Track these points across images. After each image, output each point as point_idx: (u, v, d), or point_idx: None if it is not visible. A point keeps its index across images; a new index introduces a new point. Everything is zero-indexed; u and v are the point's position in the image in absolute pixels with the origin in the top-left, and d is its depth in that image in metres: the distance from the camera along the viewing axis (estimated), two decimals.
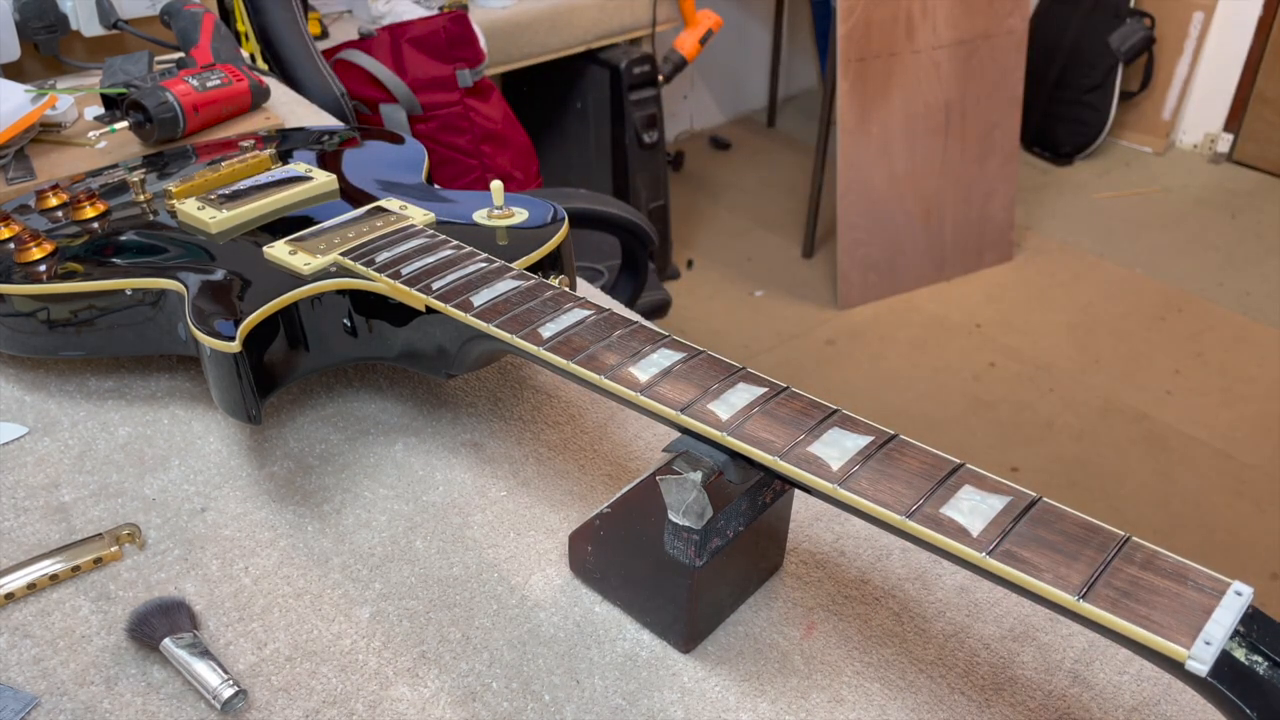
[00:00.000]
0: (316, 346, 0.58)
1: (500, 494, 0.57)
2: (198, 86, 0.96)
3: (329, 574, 0.52)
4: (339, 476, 0.58)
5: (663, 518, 0.44)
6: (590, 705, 0.45)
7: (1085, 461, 2.00)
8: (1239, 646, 0.31)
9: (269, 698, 0.45)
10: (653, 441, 0.61)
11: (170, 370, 0.67)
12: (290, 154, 0.78)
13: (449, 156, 1.83)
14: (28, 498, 0.56)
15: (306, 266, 0.57)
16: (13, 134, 0.90)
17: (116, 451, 0.60)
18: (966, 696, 0.45)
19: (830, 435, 0.40)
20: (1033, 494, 0.37)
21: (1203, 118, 3.30)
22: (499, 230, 0.63)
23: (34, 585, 0.50)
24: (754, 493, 0.46)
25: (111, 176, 0.76)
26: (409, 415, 0.63)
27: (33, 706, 0.44)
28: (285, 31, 1.54)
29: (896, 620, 0.49)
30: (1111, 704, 0.45)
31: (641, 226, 1.37)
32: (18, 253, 0.63)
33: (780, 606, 0.50)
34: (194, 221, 0.65)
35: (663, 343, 0.47)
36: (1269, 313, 2.47)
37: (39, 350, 0.65)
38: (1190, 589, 0.33)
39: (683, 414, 0.42)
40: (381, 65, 1.74)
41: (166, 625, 0.47)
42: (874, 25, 2.21)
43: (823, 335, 2.35)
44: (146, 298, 0.59)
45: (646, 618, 0.48)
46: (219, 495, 0.57)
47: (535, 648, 0.48)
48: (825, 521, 0.55)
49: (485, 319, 0.50)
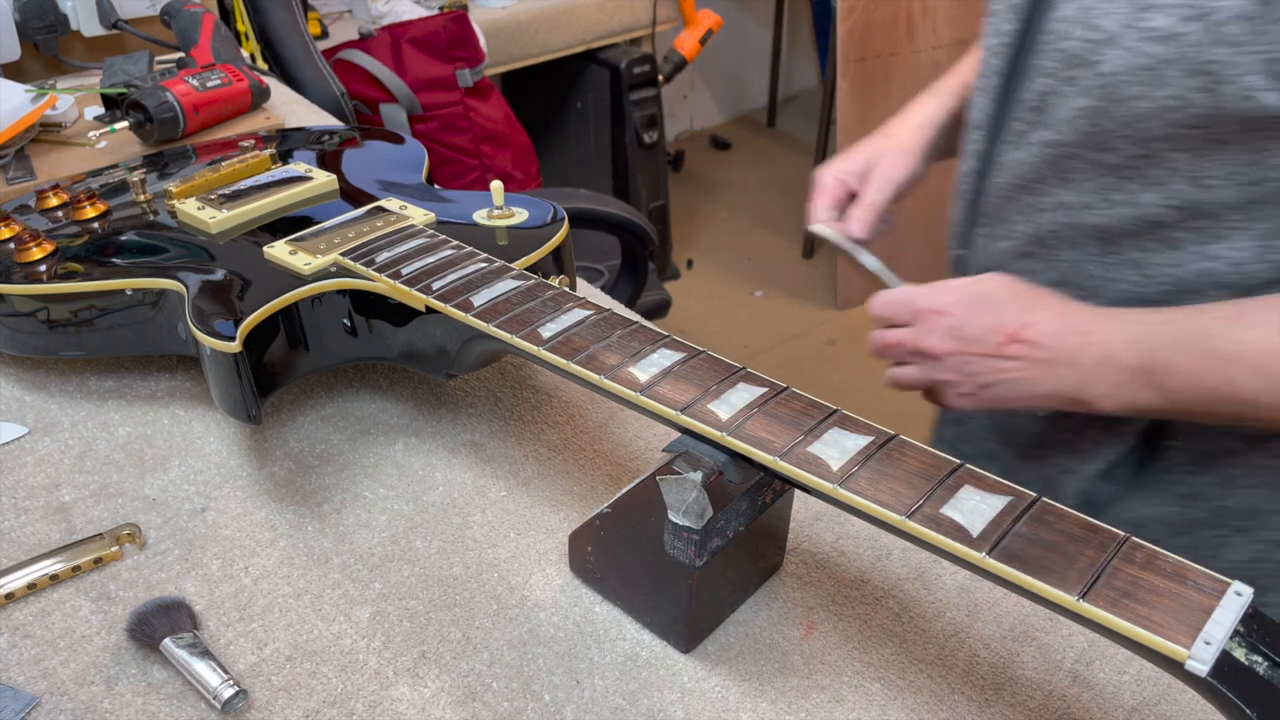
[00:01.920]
0: (316, 346, 0.58)
1: (500, 494, 0.57)
2: (198, 86, 0.96)
3: (329, 574, 0.52)
4: (339, 476, 0.58)
5: (663, 518, 0.44)
6: (590, 705, 0.45)
7: None
8: (1239, 646, 0.31)
9: (269, 698, 0.45)
10: (653, 441, 0.61)
11: (170, 370, 0.67)
12: (290, 154, 0.78)
13: (449, 156, 1.83)
14: (28, 498, 0.56)
15: (307, 266, 0.57)
16: (13, 134, 0.90)
17: (116, 451, 0.60)
18: (966, 696, 0.45)
19: (830, 435, 0.40)
20: (1033, 494, 0.37)
21: None
22: (499, 230, 0.63)
23: (34, 585, 0.50)
24: (754, 493, 0.46)
25: (111, 176, 0.76)
26: (409, 415, 0.63)
27: (33, 706, 0.44)
28: (285, 31, 1.54)
29: (896, 620, 0.49)
30: (1111, 704, 0.45)
31: (641, 226, 1.37)
32: (18, 253, 0.63)
33: (780, 606, 0.50)
34: (194, 221, 0.65)
35: (663, 343, 0.47)
36: None
37: (39, 350, 0.65)
38: (1190, 589, 0.33)
39: (683, 414, 0.42)
40: (381, 65, 1.74)
41: (166, 625, 0.47)
42: (874, 25, 2.21)
43: (823, 335, 2.35)
44: (147, 298, 0.59)
45: (646, 618, 0.48)
46: (219, 495, 0.57)
47: (535, 648, 0.48)
48: (825, 521, 0.55)
49: (485, 319, 0.50)
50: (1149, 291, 0.65)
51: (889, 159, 0.82)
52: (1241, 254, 0.61)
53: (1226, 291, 0.62)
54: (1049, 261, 0.69)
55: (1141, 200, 0.62)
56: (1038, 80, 0.64)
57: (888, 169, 0.81)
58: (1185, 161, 0.59)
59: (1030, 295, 0.64)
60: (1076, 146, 0.63)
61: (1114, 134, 0.60)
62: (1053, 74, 0.62)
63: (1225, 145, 0.58)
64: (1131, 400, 0.60)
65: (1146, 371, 0.59)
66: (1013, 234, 0.70)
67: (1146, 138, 0.59)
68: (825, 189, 0.81)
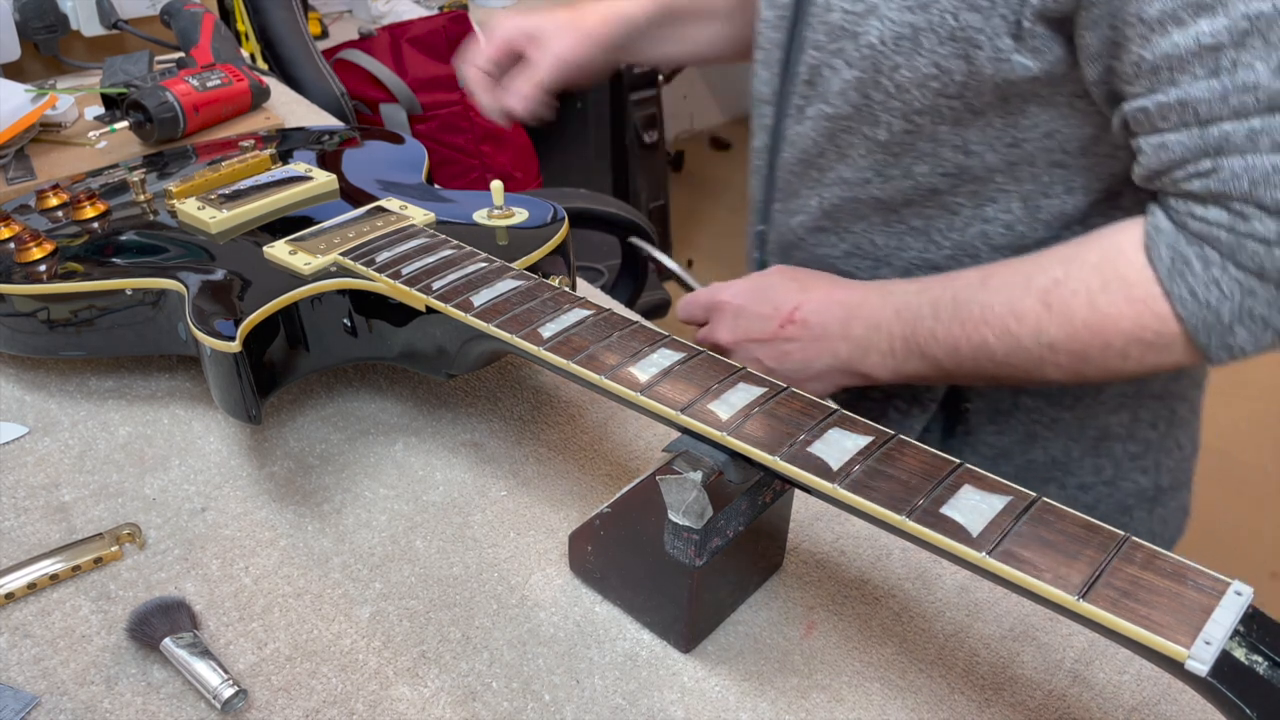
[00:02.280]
0: (316, 346, 0.58)
1: (500, 494, 0.57)
2: (198, 86, 0.96)
3: (329, 574, 0.52)
4: (339, 476, 0.58)
5: (663, 518, 0.44)
6: (590, 705, 0.45)
7: None
8: (1239, 646, 0.31)
9: (269, 698, 0.45)
10: (653, 441, 0.61)
11: (170, 370, 0.67)
12: (290, 154, 0.78)
13: (449, 156, 1.83)
14: (28, 498, 0.56)
15: (307, 266, 0.57)
16: (13, 134, 0.90)
17: (117, 451, 0.60)
18: (966, 696, 0.45)
19: (830, 435, 0.40)
20: (1032, 494, 0.37)
21: None
22: (499, 230, 0.63)
23: (34, 585, 0.50)
24: (754, 493, 0.46)
25: (111, 176, 0.76)
26: (409, 415, 0.63)
27: (33, 706, 0.44)
28: (285, 31, 1.54)
29: (896, 620, 0.49)
30: (1111, 704, 0.45)
31: (641, 226, 1.37)
32: (18, 253, 0.63)
33: (780, 606, 0.50)
34: (194, 221, 0.65)
35: (663, 343, 0.47)
36: None
37: (39, 350, 0.65)
38: (1190, 589, 0.33)
39: (683, 414, 0.42)
40: (381, 65, 1.74)
41: (166, 625, 0.47)
42: None
43: None
44: (147, 298, 0.59)
45: (646, 617, 0.48)
46: (219, 495, 0.57)
47: (535, 647, 0.48)
48: (825, 521, 0.55)
49: (485, 319, 0.50)
50: (935, 256, 0.68)
51: (568, 36, 0.78)
52: (1010, 215, 0.64)
53: (1003, 253, 0.66)
54: (840, 234, 0.72)
55: (916, 172, 0.65)
56: (809, 53, 0.66)
57: (563, 47, 0.78)
58: (948, 133, 0.62)
59: (803, 279, 0.68)
60: (850, 120, 0.65)
61: (882, 106, 0.63)
62: (821, 47, 0.64)
63: (983, 113, 0.60)
64: (903, 368, 0.63)
65: (912, 339, 0.61)
66: (805, 208, 0.73)
67: (911, 111, 0.62)
68: (492, 42, 0.77)
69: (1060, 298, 0.55)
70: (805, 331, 0.65)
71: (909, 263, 0.69)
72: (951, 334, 0.59)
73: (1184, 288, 0.52)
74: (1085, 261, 0.56)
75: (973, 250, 0.66)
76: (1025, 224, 0.64)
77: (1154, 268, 0.53)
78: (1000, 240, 0.65)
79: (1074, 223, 0.63)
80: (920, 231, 0.68)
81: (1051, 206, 0.63)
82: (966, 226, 0.66)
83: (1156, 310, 0.53)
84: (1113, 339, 0.55)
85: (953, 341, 0.59)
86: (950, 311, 0.59)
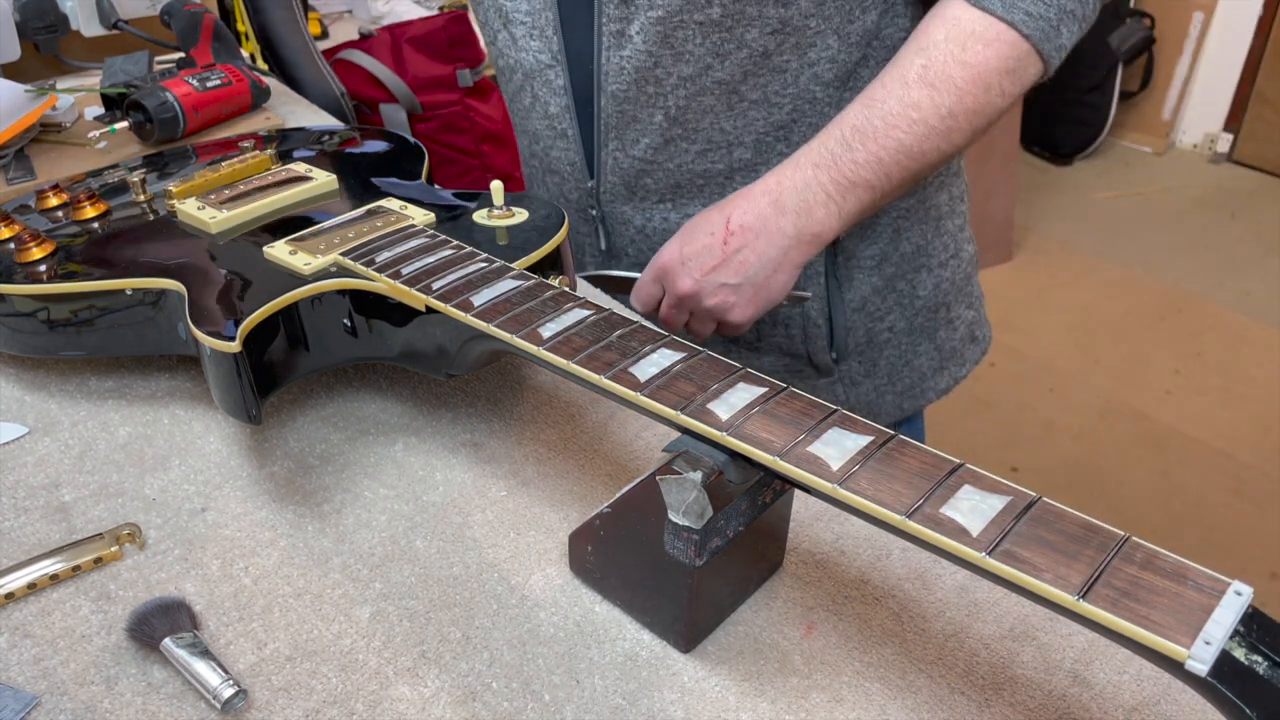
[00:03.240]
0: (316, 346, 0.58)
1: (500, 494, 0.57)
2: (198, 86, 0.96)
3: (329, 574, 0.52)
4: (339, 476, 0.58)
5: (663, 518, 0.44)
6: (590, 705, 0.45)
7: (1085, 461, 2.00)
8: (1239, 646, 0.31)
9: (269, 698, 0.45)
10: (653, 441, 0.61)
11: (170, 370, 0.67)
12: (290, 154, 0.78)
13: (449, 156, 1.83)
14: (28, 498, 0.56)
15: (307, 266, 0.57)
16: (13, 134, 0.90)
17: (117, 451, 0.60)
18: (966, 696, 0.45)
19: (830, 435, 0.40)
20: (1033, 494, 0.37)
21: (1202, 118, 3.30)
22: (499, 230, 0.63)
23: (34, 585, 0.50)
24: (754, 493, 0.46)
25: (111, 176, 0.76)
26: (409, 415, 0.63)
27: (33, 706, 0.44)
28: (285, 31, 1.54)
29: (896, 620, 0.49)
30: (1111, 704, 0.45)
31: None
32: (18, 253, 0.63)
33: (780, 606, 0.50)
34: (194, 221, 0.65)
35: (663, 343, 0.47)
36: (1269, 313, 2.47)
37: (39, 350, 0.65)
38: (1190, 589, 0.33)
39: (683, 414, 0.42)
40: (381, 65, 1.74)
41: (166, 625, 0.47)
42: None
43: None
44: (146, 298, 0.60)
45: (646, 618, 0.48)
46: (219, 495, 0.57)
47: (535, 647, 0.48)
48: (825, 521, 0.55)
49: (485, 319, 0.50)
50: (780, 117, 0.76)
51: None
52: (830, 49, 0.73)
53: (834, 86, 0.75)
54: (690, 136, 0.77)
55: (748, 39, 0.71)
56: None
57: None
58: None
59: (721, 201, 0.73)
60: (681, 13, 0.70)
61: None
62: None
63: None
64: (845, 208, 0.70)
65: (840, 178, 0.68)
66: (648, 129, 0.77)
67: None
68: None
69: (937, 74, 0.66)
70: (748, 233, 0.70)
71: (759, 134, 0.76)
72: (870, 152, 0.67)
73: (1019, 12, 0.65)
74: (935, 41, 0.66)
75: (809, 95, 0.75)
76: (844, 51, 0.73)
77: (989, 13, 0.65)
78: (829, 75, 0.74)
79: (874, 36, 0.74)
80: (760, 101, 0.74)
81: (855, 30, 0.73)
82: (797, 77, 0.74)
83: (1008, 39, 0.65)
84: (991, 80, 0.66)
85: (874, 158, 0.67)
86: (859, 137, 0.67)
